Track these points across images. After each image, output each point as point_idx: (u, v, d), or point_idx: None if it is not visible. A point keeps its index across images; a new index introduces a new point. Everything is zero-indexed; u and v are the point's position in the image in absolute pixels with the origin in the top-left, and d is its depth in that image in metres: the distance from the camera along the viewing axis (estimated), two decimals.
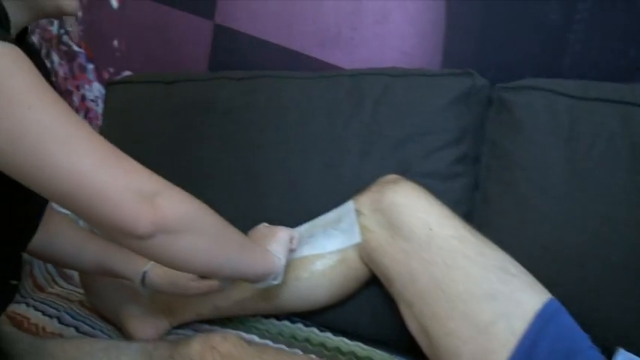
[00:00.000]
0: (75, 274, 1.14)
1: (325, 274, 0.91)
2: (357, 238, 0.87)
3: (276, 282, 0.80)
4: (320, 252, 0.90)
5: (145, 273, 0.82)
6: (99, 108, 1.55)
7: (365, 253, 0.89)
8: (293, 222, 0.93)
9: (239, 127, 1.11)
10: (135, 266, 0.83)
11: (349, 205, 0.89)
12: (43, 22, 1.62)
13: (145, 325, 0.93)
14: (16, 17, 0.61)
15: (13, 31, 0.62)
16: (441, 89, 0.96)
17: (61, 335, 0.93)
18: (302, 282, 0.91)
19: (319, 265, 0.91)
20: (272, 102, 1.09)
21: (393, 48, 1.15)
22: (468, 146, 0.96)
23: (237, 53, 1.35)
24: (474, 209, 0.94)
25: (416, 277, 0.81)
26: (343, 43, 1.21)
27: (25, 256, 0.83)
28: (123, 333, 0.94)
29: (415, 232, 0.83)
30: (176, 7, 1.39)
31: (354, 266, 0.91)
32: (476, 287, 0.77)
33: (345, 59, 1.21)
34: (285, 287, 0.91)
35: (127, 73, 1.50)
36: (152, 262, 0.82)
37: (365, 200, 0.90)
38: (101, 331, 0.95)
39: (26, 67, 0.51)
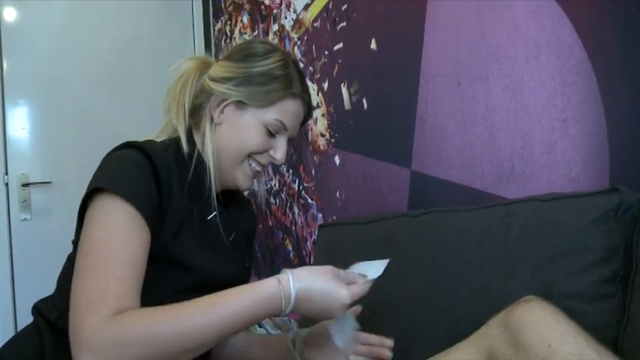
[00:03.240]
0: None
1: None
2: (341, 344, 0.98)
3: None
4: None
5: None
6: None
7: None
8: (445, 344, 1.00)
9: (409, 256, 1.26)
10: None
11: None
12: (289, 180, 2.07)
13: None
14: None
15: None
16: (587, 208, 0.98)
17: None
18: None
19: None
20: (435, 234, 1.23)
21: (562, 176, 1.20)
22: (616, 266, 0.93)
23: (430, 195, 1.54)
24: (625, 333, 0.88)
25: None
26: (517, 177, 1.31)
27: None
28: None
29: (534, 348, 0.84)
30: (381, 160, 1.67)
31: None
32: None
33: (520, 192, 1.29)
34: None
35: None
36: None
37: (498, 319, 0.94)
38: None
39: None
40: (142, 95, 2.67)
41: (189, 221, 0.96)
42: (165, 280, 0.93)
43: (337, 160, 1.86)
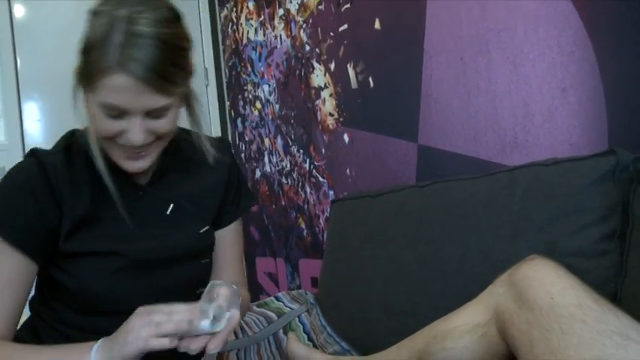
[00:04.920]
0: None
1: (468, 348, 1.02)
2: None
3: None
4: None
5: None
6: None
7: (500, 326, 0.98)
8: (455, 306, 1.07)
9: (417, 226, 1.33)
10: None
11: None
12: (300, 160, 2.13)
13: None
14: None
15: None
16: (585, 170, 1.04)
17: None
18: (449, 352, 1.03)
19: (465, 339, 1.02)
20: (442, 202, 1.29)
21: (562, 142, 1.26)
22: (614, 223, 0.99)
23: (437, 167, 1.60)
24: (623, 285, 0.94)
25: (534, 344, 0.88)
26: (520, 145, 1.36)
27: None
28: None
29: (537, 302, 0.91)
30: (388, 135, 1.73)
31: (495, 341, 1.00)
32: (587, 352, 0.80)
33: (523, 160, 1.35)
34: (434, 358, 1.03)
35: None
36: None
37: (503, 278, 1.00)
38: None
39: None
40: None
41: (96, 211, 0.97)
42: (99, 267, 0.97)
43: (346, 138, 1.92)
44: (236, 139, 2.73)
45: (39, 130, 2.54)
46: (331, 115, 1.98)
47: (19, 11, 2.50)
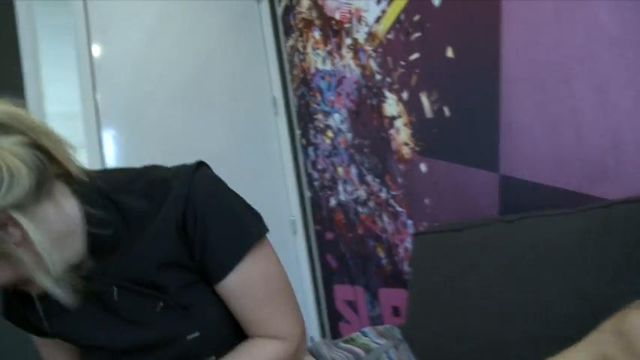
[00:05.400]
0: None
1: None
2: None
3: None
4: None
5: None
6: None
7: None
8: (555, 348, 1.04)
9: (508, 263, 1.30)
10: None
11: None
12: (375, 189, 2.14)
13: None
14: None
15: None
16: None
17: None
18: None
19: None
20: (532, 239, 1.26)
21: None
22: None
23: (520, 198, 1.56)
24: None
25: None
26: (611, 176, 1.31)
27: None
28: None
29: None
30: (467, 165, 1.71)
31: None
32: None
33: (616, 192, 1.30)
34: None
35: (436, 224, 1.84)
36: None
37: (609, 325, 0.97)
38: None
39: None
40: (218, 114, 2.85)
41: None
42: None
43: (423, 167, 1.91)
44: (308, 167, 2.77)
45: (118, 160, 2.67)
46: (406, 144, 1.97)
47: (96, 50, 2.65)
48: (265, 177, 2.91)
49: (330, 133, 2.51)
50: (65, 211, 0.83)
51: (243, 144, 2.89)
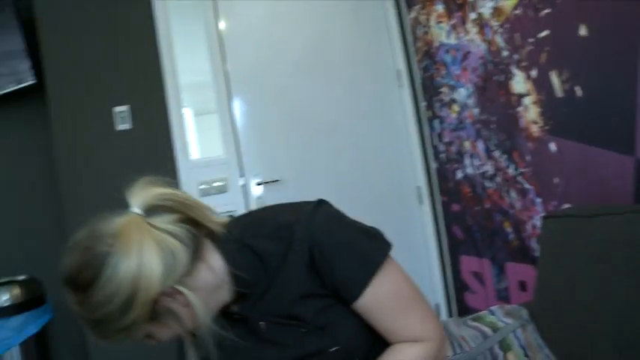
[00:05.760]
0: None
1: None
2: None
3: None
4: None
5: None
6: None
7: None
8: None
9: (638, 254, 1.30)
10: None
11: None
12: (503, 165, 2.15)
13: None
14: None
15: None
16: None
17: None
18: None
19: None
20: None
21: None
22: None
23: None
24: None
25: None
26: None
27: None
28: None
29: None
30: (600, 147, 1.68)
31: None
32: None
33: None
34: None
35: (567, 205, 1.84)
36: None
37: None
38: None
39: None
40: (340, 83, 2.96)
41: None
42: None
43: (553, 147, 1.89)
44: (434, 139, 2.81)
45: (247, 124, 2.88)
46: (535, 122, 1.96)
47: (222, 25, 2.86)
48: (389, 146, 2.99)
49: (455, 107, 2.52)
50: (214, 267, 1.00)
51: (366, 113, 2.98)
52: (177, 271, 0.93)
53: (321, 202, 1.06)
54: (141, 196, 0.96)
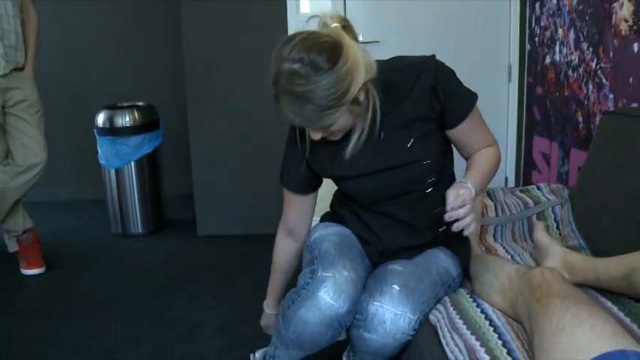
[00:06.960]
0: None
1: None
2: None
3: None
4: None
5: None
6: None
7: None
8: None
9: None
10: None
11: None
12: (588, 57, 2.26)
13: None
14: None
15: None
16: None
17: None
18: None
19: None
20: None
21: None
22: None
23: None
24: None
25: None
26: None
27: None
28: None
29: None
30: None
31: None
32: None
33: None
34: None
35: (634, 105, 1.98)
36: None
37: None
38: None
39: None
40: None
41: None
42: (346, 183, 1.54)
43: (636, 47, 1.98)
44: (532, 22, 2.87)
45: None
46: (626, 21, 2.03)
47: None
48: (490, 20, 3.08)
49: None
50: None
51: None
52: (370, 72, 1.30)
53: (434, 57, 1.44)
54: (333, 18, 1.33)
